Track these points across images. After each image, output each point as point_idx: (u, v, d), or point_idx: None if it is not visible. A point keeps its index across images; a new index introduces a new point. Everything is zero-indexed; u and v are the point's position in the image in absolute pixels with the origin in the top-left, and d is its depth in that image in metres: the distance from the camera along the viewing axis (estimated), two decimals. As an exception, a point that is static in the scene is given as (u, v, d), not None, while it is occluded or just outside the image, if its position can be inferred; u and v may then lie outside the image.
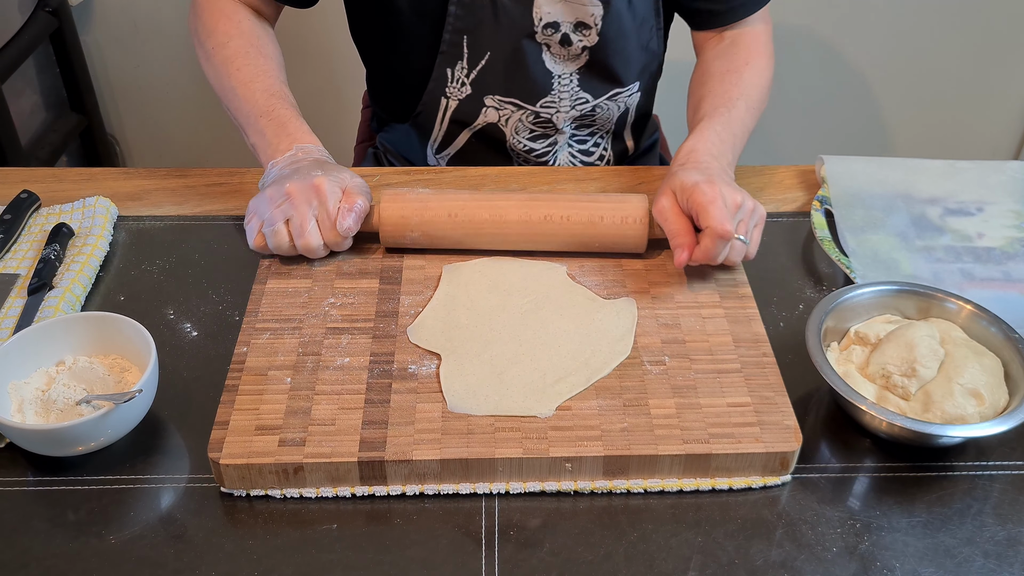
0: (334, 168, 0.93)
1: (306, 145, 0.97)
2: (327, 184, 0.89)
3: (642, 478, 0.76)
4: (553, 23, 1.07)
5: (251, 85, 1.01)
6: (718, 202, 0.86)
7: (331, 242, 0.91)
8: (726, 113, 1.01)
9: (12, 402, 0.78)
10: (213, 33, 1.05)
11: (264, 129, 0.98)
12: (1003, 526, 0.74)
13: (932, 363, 0.80)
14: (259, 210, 0.91)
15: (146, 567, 0.71)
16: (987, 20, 1.96)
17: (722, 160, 0.96)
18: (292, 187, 0.89)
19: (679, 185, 0.89)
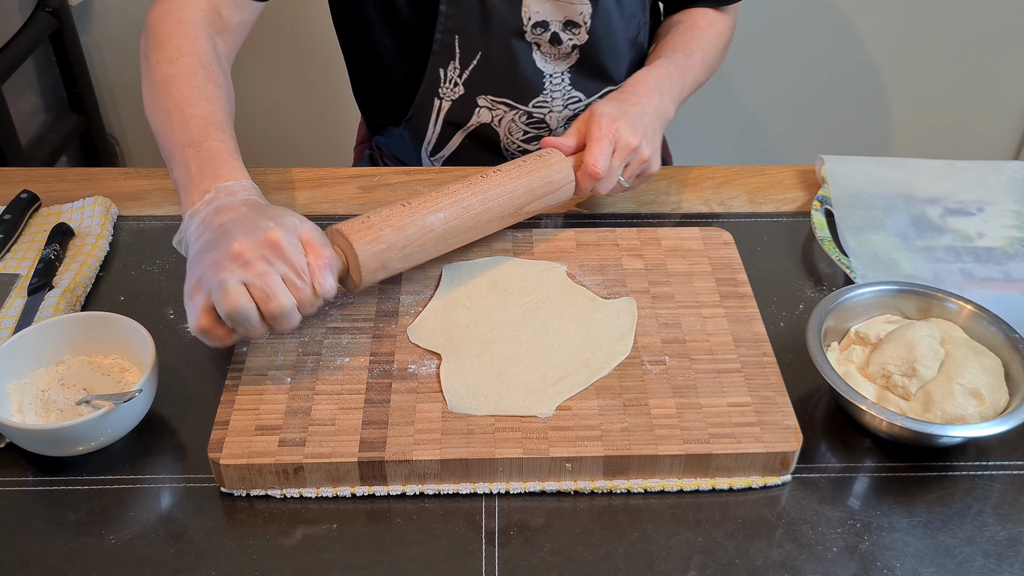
0: (277, 213, 0.78)
1: (227, 184, 0.80)
2: (283, 236, 0.75)
3: (642, 478, 0.76)
4: (542, 22, 1.07)
5: (188, 110, 0.86)
6: (603, 142, 0.91)
7: (305, 304, 0.76)
8: (682, 59, 1.06)
9: (12, 402, 0.78)
10: (163, 46, 0.91)
11: (189, 162, 0.83)
12: (1003, 526, 0.74)
13: (932, 363, 0.80)
14: (201, 282, 0.74)
15: (146, 567, 0.70)
16: (987, 20, 1.96)
17: (665, 96, 1.00)
18: (240, 245, 0.73)
19: (593, 111, 0.94)
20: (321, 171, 1.12)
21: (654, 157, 0.96)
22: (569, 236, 0.97)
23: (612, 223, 1.04)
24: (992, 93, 2.09)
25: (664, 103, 0.99)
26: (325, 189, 1.09)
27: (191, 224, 0.79)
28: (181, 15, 0.94)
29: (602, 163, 0.91)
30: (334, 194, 1.08)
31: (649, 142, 0.95)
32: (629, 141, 0.93)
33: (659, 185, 1.10)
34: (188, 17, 0.94)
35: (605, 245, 0.96)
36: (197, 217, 0.79)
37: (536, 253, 0.95)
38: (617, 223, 1.04)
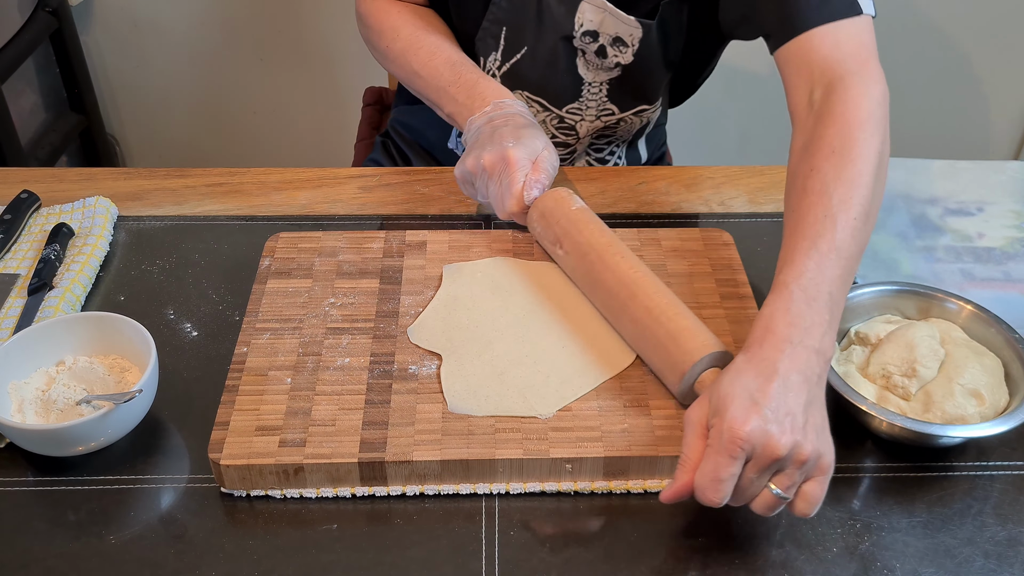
0: (528, 134, 0.94)
1: (503, 100, 0.98)
2: (517, 155, 0.92)
3: (642, 479, 0.76)
4: (592, 32, 1.07)
5: (431, 63, 1.03)
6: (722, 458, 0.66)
7: (514, 213, 0.93)
8: (813, 250, 0.74)
9: (12, 402, 0.78)
10: (382, 34, 1.08)
11: (456, 96, 1.01)
12: (1003, 526, 0.74)
13: (932, 363, 0.80)
14: (467, 179, 0.97)
15: (146, 567, 0.71)
16: (987, 20, 1.96)
17: (808, 337, 0.70)
18: (487, 159, 0.93)
19: (716, 396, 0.69)
20: (321, 171, 1.12)
21: (819, 446, 0.67)
22: (569, 236, 0.97)
23: (612, 223, 1.03)
24: (992, 93, 2.09)
25: (809, 346, 0.70)
26: (325, 189, 1.09)
27: (471, 128, 0.98)
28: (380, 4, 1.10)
29: (717, 495, 0.66)
30: (334, 194, 1.08)
31: (807, 431, 0.67)
32: (774, 448, 0.65)
33: (659, 185, 1.10)
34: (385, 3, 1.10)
35: (605, 245, 0.96)
36: (476, 123, 0.98)
37: (536, 253, 0.95)
38: (617, 223, 1.03)
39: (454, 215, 1.05)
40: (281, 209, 1.05)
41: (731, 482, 0.66)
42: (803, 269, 0.74)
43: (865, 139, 0.80)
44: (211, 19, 1.98)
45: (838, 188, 0.77)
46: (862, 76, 0.84)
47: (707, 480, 0.66)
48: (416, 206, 1.06)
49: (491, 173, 0.93)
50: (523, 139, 0.93)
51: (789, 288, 0.73)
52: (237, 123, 2.13)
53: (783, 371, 0.68)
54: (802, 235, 0.76)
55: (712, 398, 0.69)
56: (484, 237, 0.97)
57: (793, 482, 0.67)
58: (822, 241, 0.75)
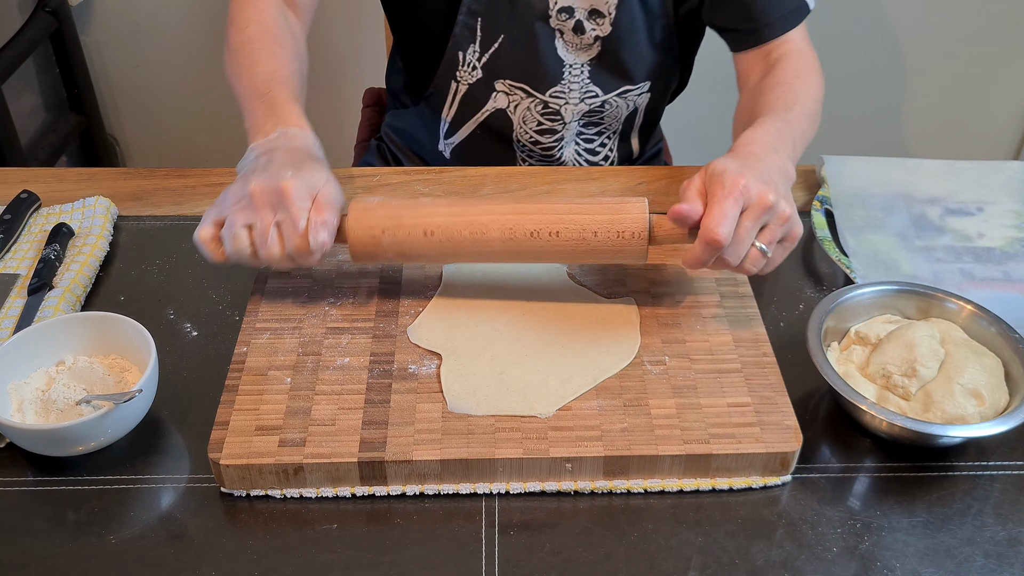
0: (309, 166, 0.84)
1: (290, 129, 0.89)
2: (295, 188, 0.80)
3: (642, 478, 0.76)
4: (567, 8, 1.07)
5: (255, 68, 0.96)
6: (728, 201, 0.76)
7: (297, 253, 0.81)
8: (784, 114, 0.94)
9: (12, 402, 0.78)
10: (235, 20, 1.03)
11: (255, 111, 0.92)
12: (1003, 526, 0.74)
13: (932, 363, 0.80)
14: (222, 204, 0.83)
15: (146, 567, 0.70)
16: (987, 20, 1.96)
17: (783, 154, 0.87)
18: (256, 187, 0.81)
19: (711, 170, 0.81)
20: (321, 171, 1.12)
21: (795, 217, 0.80)
22: (569, 236, 0.97)
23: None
24: (992, 93, 2.09)
25: (783, 160, 0.87)
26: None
27: (250, 155, 0.88)
28: None
29: (724, 229, 0.75)
30: (334, 194, 1.08)
31: (787, 200, 0.80)
32: (763, 198, 0.77)
33: (659, 185, 1.10)
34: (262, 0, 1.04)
35: (605, 245, 0.96)
36: (255, 152, 0.88)
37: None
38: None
39: (454, 215, 1.05)
40: (281, 209, 1.05)
41: (734, 221, 0.77)
42: (774, 122, 0.92)
43: (811, 80, 1.02)
44: (211, 19, 1.98)
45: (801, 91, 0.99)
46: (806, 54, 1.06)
47: (714, 219, 0.76)
48: (416, 206, 1.06)
49: (258, 204, 0.80)
50: (303, 171, 0.82)
51: (765, 126, 0.91)
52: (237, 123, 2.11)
53: (765, 158, 0.84)
54: (772, 109, 0.95)
55: (707, 174, 0.81)
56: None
57: (774, 238, 0.79)
58: (790, 114, 0.95)
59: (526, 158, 1.21)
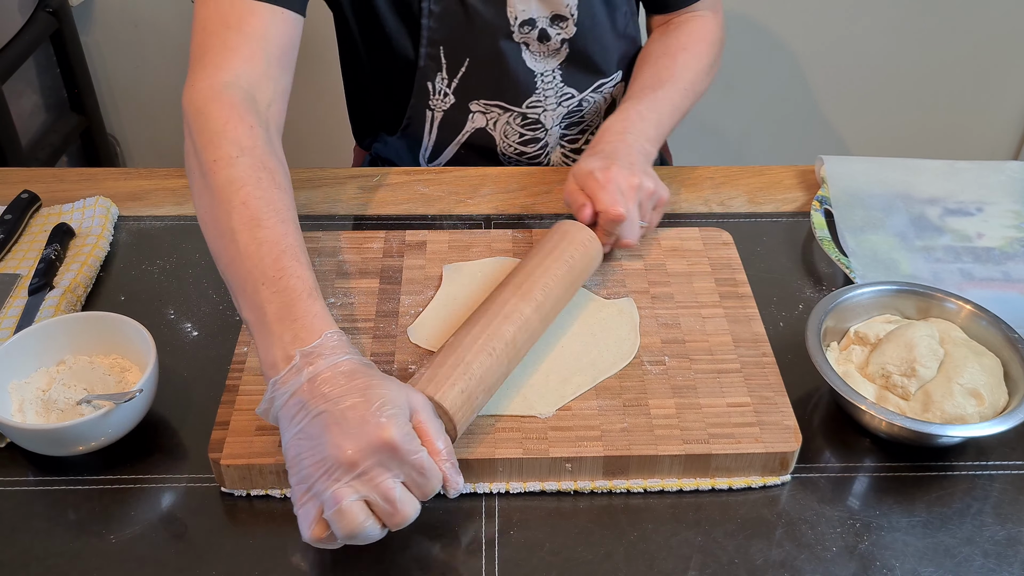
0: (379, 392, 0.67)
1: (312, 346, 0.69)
2: (399, 434, 0.65)
3: (642, 478, 0.76)
4: (529, 20, 1.07)
5: (257, 233, 0.74)
6: (609, 186, 0.89)
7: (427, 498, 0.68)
8: (651, 94, 1.03)
9: (12, 402, 0.78)
10: (219, 141, 0.79)
11: (264, 305, 0.71)
12: (1003, 526, 0.74)
13: (932, 363, 0.80)
14: (312, 489, 0.65)
15: (146, 567, 0.71)
16: (987, 20, 1.96)
17: (639, 136, 0.97)
18: (353, 452, 0.64)
19: (577, 170, 0.93)
20: (321, 171, 1.12)
21: (659, 186, 0.94)
22: (569, 236, 0.97)
23: (612, 223, 1.04)
24: (992, 93, 2.09)
25: (640, 143, 0.97)
26: (325, 189, 1.09)
27: (279, 395, 0.68)
28: (231, 95, 0.82)
29: (621, 205, 0.88)
30: (334, 194, 1.08)
31: (648, 175, 0.93)
32: (630, 182, 0.90)
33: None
34: (238, 97, 0.82)
35: (605, 245, 0.96)
36: (286, 389, 0.68)
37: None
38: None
39: (454, 215, 1.05)
40: (281, 209, 1.05)
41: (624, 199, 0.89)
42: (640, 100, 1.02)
43: (698, 52, 1.10)
44: (211, 19, 1.98)
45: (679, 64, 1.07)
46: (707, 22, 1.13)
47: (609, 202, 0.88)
48: (416, 206, 1.07)
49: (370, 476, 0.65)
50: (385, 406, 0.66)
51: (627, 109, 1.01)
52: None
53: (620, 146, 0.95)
54: (645, 85, 1.05)
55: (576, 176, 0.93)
56: (484, 237, 0.97)
57: (647, 210, 0.93)
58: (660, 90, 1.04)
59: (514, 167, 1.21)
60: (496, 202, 1.07)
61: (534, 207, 1.06)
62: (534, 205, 1.06)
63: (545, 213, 1.05)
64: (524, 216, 1.05)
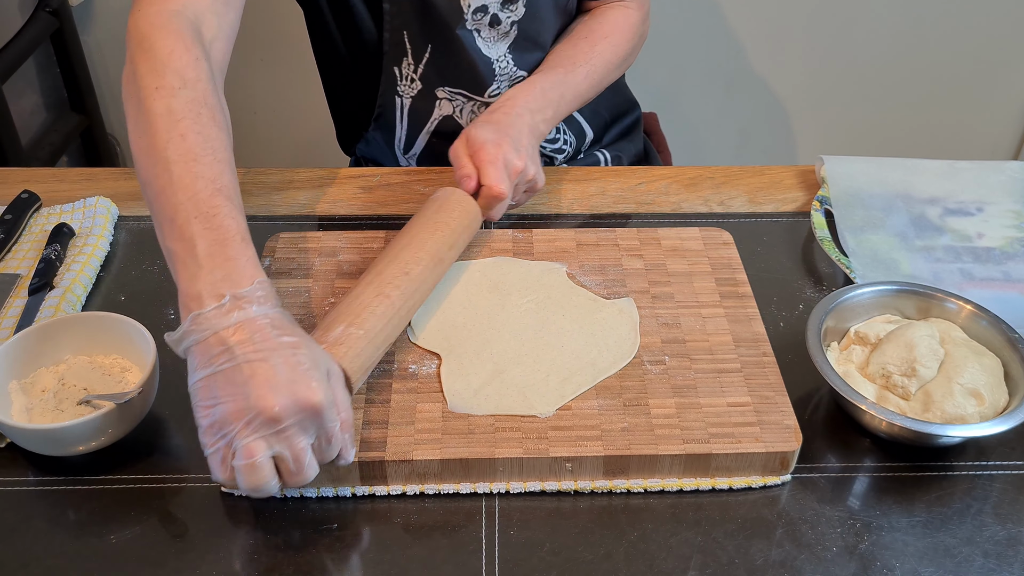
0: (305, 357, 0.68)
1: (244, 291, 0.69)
2: (325, 399, 0.66)
3: (642, 478, 0.76)
4: (482, 7, 1.07)
5: (193, 167, 0.73)
6: (497, 163, 0.92)
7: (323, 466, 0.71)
8: (563, 74, 1.05)
9: (12, 402, 0.78)
10: (162, 70, 0.78)
11: (194, 238, 0.70)
12: (1003, 526, 0.74)
13: (932, 363, 0.80)
14: (224, 431, 0.66)
15: (147, 566, 0.71)
16: (987, 20, 1.96)
17: (537, 115, 1.00)
18: (280, 408, 0.65)
19: (472, 137, 0.95)
20: (321, 171, 1.12)
21: (538, 174, 0.98)
22: (569, 236, 0.97)
23: (612, 223, 1.04)
24: (992, 93, 2.09)
25: (535, 121, 1.00)
26: (325, 189, 1.09)
27: (200, 331, 0.68)
28: (179, 24, 0.82)
29: (505, 184, 0.92)
30: (334, 194, 1.08)
31: (532, 160, 0.96)
32: (515, 164, 0.94)
33: (659, 185, 1.10)
34: (185, 27, 0.82)
35: (605, 245, 0.96)
36: (208, 326, 0.68)
37: (536, 253, 0.95)
38: (617, 223, 1.04)
39: (454, 215, 1.05)
40: (281, 209, 1.05)
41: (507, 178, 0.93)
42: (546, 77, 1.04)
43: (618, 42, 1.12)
44: (211, 19, 1.98)
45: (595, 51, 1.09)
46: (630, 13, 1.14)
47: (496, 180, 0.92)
48: (416, 206, 1.06)
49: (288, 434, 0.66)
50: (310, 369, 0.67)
51: (533, 83, 1.03)
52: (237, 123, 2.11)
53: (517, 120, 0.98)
54: (556, 64, 1.07)
55: (469, 139, 0.95)
56: (484, 237, 0.97)
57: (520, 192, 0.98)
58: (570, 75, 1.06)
59: None
60: (496, 202, 1.07)
61: (534, 207, 1.06)
62: (534, 205, 1.06)
63: (545, 213, 1.05)
64: (524, 216, 1.05)
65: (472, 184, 0.93)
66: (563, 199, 1.07)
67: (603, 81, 1.10)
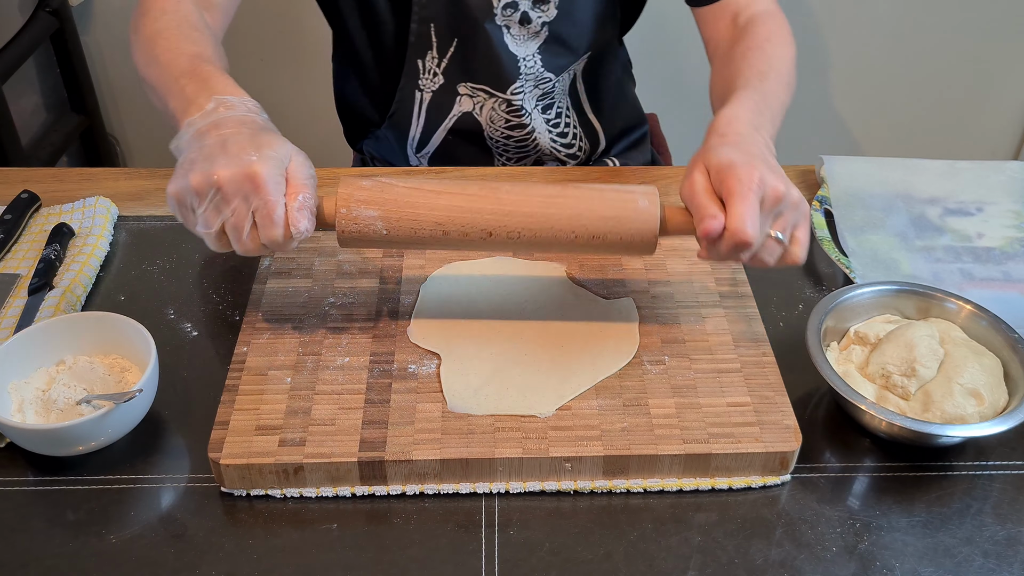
0: (268, 140, 0.76)
1: (228, 97, 0.79)
2: (266, 173, 0.73)
3: (642, 478, 0.76)
4: (512, 3, 1.07)
5: (174, 49, 0.87)
6: (750, 197, 0.73)
7: (272, 243, 0.75)
8: (759, 85, 0.90)
9: (12, 402, 0.78)
10: (148, 11, 0.94)
11: (184, 88, 0.81)
12: (1002, 526, 0.74)
13: (932, 363, 0.80)
14: (185, 201, 0.76)
15: (146, 567, 0.71)
16: (987, 20, 1.96)
17: (763, 132, 0.83)
18: (222, 176, 0.73)
19: (715, 163, 0.76)
20: (321, 171, 1.12)
21: (802, 199, 0.78)
22: (569, 236, 0.97)
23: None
24: (992, 93, 2.09)
25: (765, 138, 0.83)
26: (325, 189, 1.09)
27: (187, 131, 0.78)
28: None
29: (753, 229, 0.72)
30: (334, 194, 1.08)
31: (788, 183, 0.77)
32: (776, 190, 0.75)
33: (659, 185, 1.10)
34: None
35: (605, 245, 0.96)
36: (194, 127, 0.78)
37: (536, 253, 0.95)
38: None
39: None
40: (281, 209, 1.05)
41: (757, 218, 0.73)
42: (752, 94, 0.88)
43: (782, 42, 1.00)
44: (211, 19, 1.98)
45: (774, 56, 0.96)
46: (775, 15, 1.04)
47: (742, 220, 0.72)
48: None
49: (229, 195, 0.73)
50: (265, 148, 0.75)
51: (743, 101, 0.86)
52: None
53: (757, 144, 0.80)
54: (747, 79, 0.91)
55: (709, 164, 0.77)
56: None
57: (787, 224, 0.77)
58: (766, 83, 0.91)
59: (502, 153, 1.21)
60: (496, 202, 1.07)
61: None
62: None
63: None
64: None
65: (716, 226, 0.73)
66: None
67: (791, 84, 0.97)
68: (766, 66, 0.94)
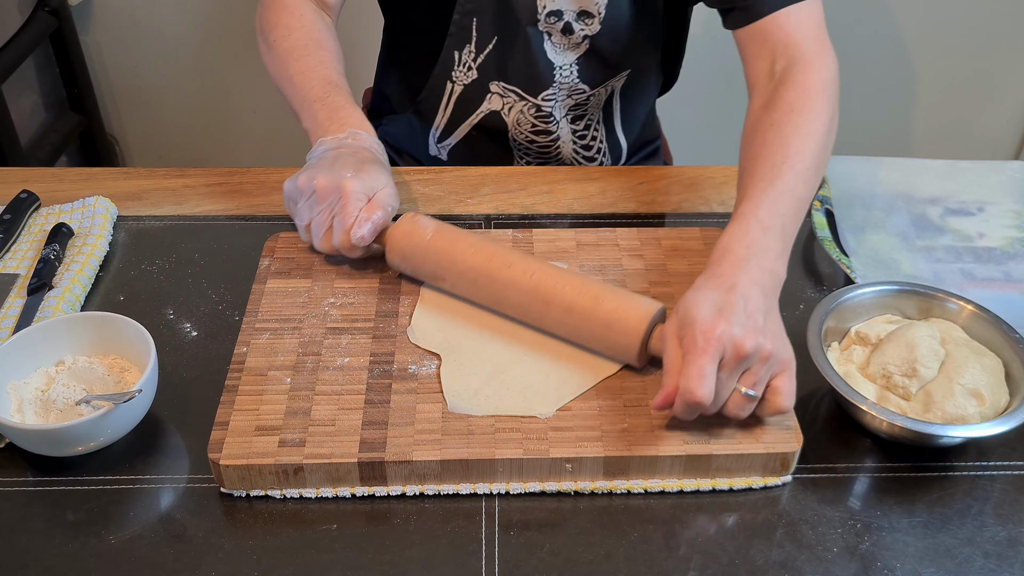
0: (371, 170, 0.90)
1: (359, 132, 0.95)
2: (353, 188, 0.87)
3: (642, 478, 0.76)
4: (556, 11, 1.07)
5: (308, 74, 1.00)
6: (702, 359, 0.71)
7: (343, 248, 0.88)
8: (768, 189, 0.84)
9: (12, 402, 0.78)
10: (276, 27, 1.05)
11: (317, 113, 0.97)
12: (1003, 526, 0.74)
13: (933, 363, 0.80)
14: (292, 196, 0.91)
15: (146, 567, 0.70)
16: (987, 20, 1.96)
17: (764, 256, 0.79)
18: (320, 183, 0.88)
19: (681, 315, 0.75)
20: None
21: (779, 345, 0.75)
22: (569, 236, 0.97)
23: (612, 223, 1.04)
24: (992, 93, 2.09)
25: (764, 266, 0.78)
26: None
27: (319, 148, 0.94)
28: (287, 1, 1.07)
29: (703, 390, 0.71)
30: (334, 194, 1.08)
31: (767, 333, 0.74)
32: (739, 348, 0.72)
33: (659, 185, 1.10)
34: (293, 2, 1.06)
35: (605, 245, 0.96)
36: (324, 145, 0.94)
37: (536, 253, 0.95)
38: (617, 223, 1.04)
39: (454, 215, 1.05)
40: (281, 209, 1.05)
41: (712, 379, 0.72)
42: (759, 203, 0.83)
43: (821, 103, 0.91)
44: (211, 19, 1.98)
45: (794, 141, 0.87)
46: (820, 55, 0.95)
47: (692, 380, 0.71)
48: (416, 206, 1.06)
49: (320, 198, 0.88)
50: (364, 173, 0.89)
51: (746, 218, 0.82)
52: (237, 123, 2.13)
53: (741, 284, 0.76)
54: (760, 176, 0.85)
55: (679, 313, 0.76)
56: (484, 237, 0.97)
57: (759, 379, 0.74)
58: (778, 182, 0.84)
59: (524, 155, 1.22)
60: (496, 202, 1.07)
61: (534, 207, 1.06)
62: (534, 205, 1.06)
63: (546, 213, 1.05)
64: (524, 216, 1.05)
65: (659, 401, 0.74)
66: (563, 199, 1.07)
67: (815, 167, 0.87)
68: (781, 157, 0.86)
